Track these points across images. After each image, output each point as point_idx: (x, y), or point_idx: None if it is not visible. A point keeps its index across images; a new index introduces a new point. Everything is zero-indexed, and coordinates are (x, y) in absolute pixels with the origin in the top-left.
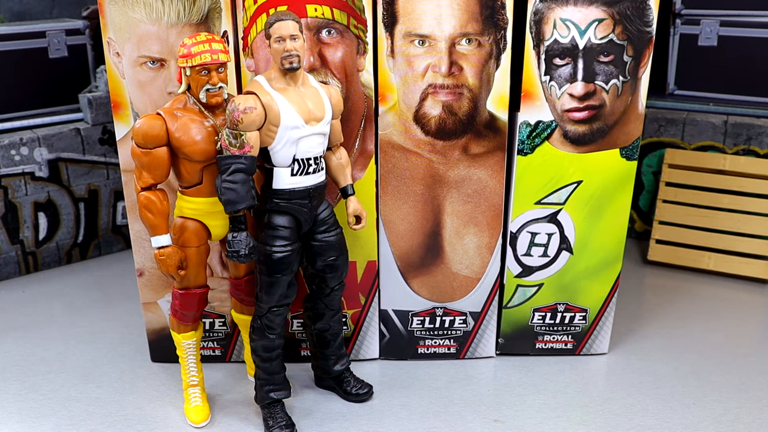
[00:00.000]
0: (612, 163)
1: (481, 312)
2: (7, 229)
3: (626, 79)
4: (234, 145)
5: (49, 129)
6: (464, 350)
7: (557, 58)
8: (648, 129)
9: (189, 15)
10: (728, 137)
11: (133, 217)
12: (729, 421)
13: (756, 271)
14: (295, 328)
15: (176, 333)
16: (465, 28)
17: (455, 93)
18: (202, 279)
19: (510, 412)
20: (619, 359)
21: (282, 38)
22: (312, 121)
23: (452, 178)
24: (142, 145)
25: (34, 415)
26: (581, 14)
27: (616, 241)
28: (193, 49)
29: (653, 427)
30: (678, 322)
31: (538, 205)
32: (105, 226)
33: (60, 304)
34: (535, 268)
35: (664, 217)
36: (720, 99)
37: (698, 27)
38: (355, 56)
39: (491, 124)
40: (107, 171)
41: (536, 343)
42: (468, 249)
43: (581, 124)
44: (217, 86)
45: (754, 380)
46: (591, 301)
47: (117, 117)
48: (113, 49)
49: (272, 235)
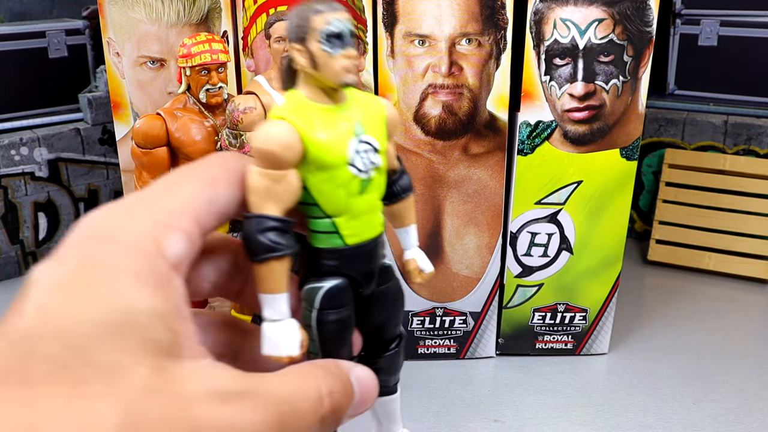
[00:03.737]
0: (612, 163)
1: (481, 312)
2: (7, 229)
3: (626, 79)
4: (234, 146)
5: (49, 129)
6: (464, 350)
7: (557, 58)
8: (648, 129)
9: (189, 15)
10: (728, 137)
11: None
12: (729, 421)
13: (756, 271)
14: None
15: None
16: (465, 28)
17: (455, 93)
18: None
19: (510, 412)
20: (619, 359)
21: (282, 38)
22: None
23: (452, 178)
24: (142, 146)
25: None
26: (581, 14)
27: (616, 241)
28: (193, 49)
29: (653, 427)
30: (678, 322)
31: (538, 205)
32: None
33: None
34: (535, 268)
35: (664, 217)
36: (720, 99)
37: (698, 27)
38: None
39: (491, 124)
40: (107, 171)
41: (536, 343)
42: (468, 249)
43: (581, 124)
44: (217, 86)
45: (754, 380)
46: (591, 301)
47: (117, 117)
48: (113, 49)
49: None
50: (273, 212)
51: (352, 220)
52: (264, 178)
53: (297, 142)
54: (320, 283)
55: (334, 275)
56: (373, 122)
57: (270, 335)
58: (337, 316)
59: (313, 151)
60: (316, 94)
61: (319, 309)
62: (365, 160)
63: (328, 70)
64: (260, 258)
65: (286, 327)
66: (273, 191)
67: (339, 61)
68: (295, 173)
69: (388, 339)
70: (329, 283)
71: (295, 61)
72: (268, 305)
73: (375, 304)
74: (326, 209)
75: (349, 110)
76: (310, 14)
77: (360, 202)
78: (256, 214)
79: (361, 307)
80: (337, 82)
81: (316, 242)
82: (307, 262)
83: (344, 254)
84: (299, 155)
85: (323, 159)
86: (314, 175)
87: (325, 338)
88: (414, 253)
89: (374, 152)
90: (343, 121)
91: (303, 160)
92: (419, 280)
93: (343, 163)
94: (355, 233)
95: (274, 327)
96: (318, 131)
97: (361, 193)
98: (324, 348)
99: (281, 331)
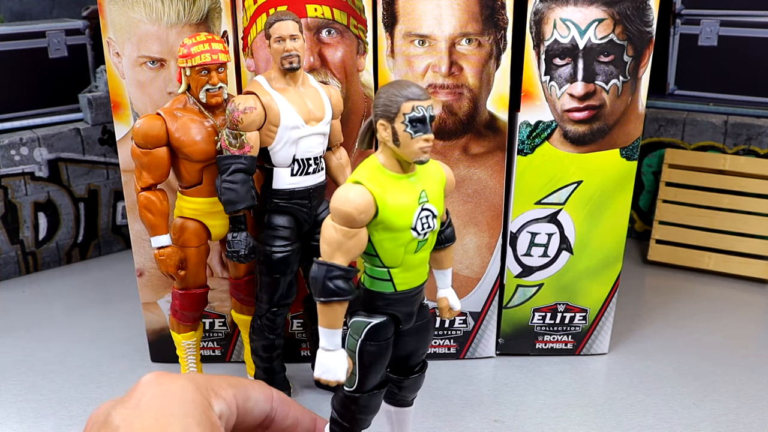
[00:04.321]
0: (612, 163)
1: (481, 312)
2: (7, 229)
3: (626, 79)
4: (234, 145)
5: (49, 129)
6: (464, 350)
7: (557, 58)
8: (648, 129)
9: (189, 15)
10: (728, 137)
11: (133, 217)
12: (729, 421)
13: (756, 271)
14: (295, 328)
15: (176, 333)
16: (465, 28)
17: (455, 93)
18: (202, 279)
19: (510, 412)
20: (619, 359)
21: (282, 38)
22: (312, 121)
23: None
24: (142, 145)
25: (34, 415)
26: (581, 14)
27: (616, 241)
28: (193, 49)
29: (653, 427)
30: (678, 322)
31: (538, 205)
32: (105, 226)
33: (60, 304)
34: (535, 268)
35: (664, 217)
36: (720, 99)
37: (698, 27)
38: (355, 56)
39: (491, 124)
40: (107, 171)
41: (536, 343)
42: (468, 249)
43: (581, 124)
44: (217, 86)
45: (754, 380)
46: (591, 301)
47: (117, 117)
48: (113, 49)
49: (272, 235)
50: (341, 262)
51: (405, 272)
52: (338, 234)
53: (371, 207)
54: (368, 319)
55: (381, 314)
56: (434, 188)
57: (324, 362)
58: (377, 348)
59: (384, 215)
60: (392, 164)
61: (363, 340)
62: (425, 225)
63: (408, 149)
64: (327, 300)
65: (338, 356)
66: (344, 245)
67: (419, 143)
68: (365, 231)
69: (414, 364)
70: (376, 320)
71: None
72: (325, 337)
73: (411, 336)
74: (385, 262)
75: (417, 179)
76: (401, 100)
77: (414, 258)
78: (327, 262)
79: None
80: (413, 159)
81: (372, 285)
82: (360, 298)
83: (393, 298)
84: (372, 218)
85: (392, 223)
86: (380, 234)
87: (363, 364)
88: (447, 292)
89: (433, 218)
90: (411, 190)
91: (373, 221)
92: (448, 316)
93: (408, 228)
94: (405, 282)
95: (329, 355)
96: (390, 198)
97: (416, 252)
98: (361, 373)
99: (334, 359)
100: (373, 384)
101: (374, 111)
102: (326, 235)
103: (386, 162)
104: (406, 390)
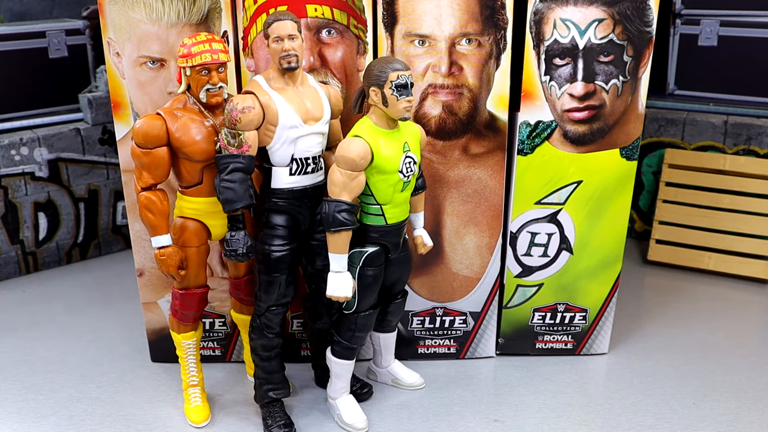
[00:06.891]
0: (612, 163)
1: (481, 312)
2: (7, 229)
3: (626, 79)
4: (232, 145)
5: (49, 129)
6: (464, 350)
7: (557, 58)
8: (648, 129)
9: (189, 15)
10: (728, 137)
11: (133, 217)
12: (729, 421)
13: (756, 271)
14: (295, 328)
15: (176, 333)
16: (465, 28)
17: (455, 93)
18: (202, 279)
19: (510, 412)
20: (619, 359)
21: (280, 38)
22: (310, 121)
23: (452, 178)
24: (142, 145)
25: (34, 415)
26: (581, 14)
27: (616, 241)
28: (193, 49)
29: (653, 427)
30: (678, 322)
31: (538, 205)
32: (105, 226)
33: (60, 304)
34: (535, 268)
35: (664, 217)
36: (720, 99)
37: (698, 27)
38: (355, 56)
39: (491, 124)
40: (107, 171)
41: (536, 343)
42: (468, 249)
43: (581, 124)
44: (217, 86)
45: (754, 380)
46: (591, 301)
47: (117, 117)
48: (113, 49)
49: (271, 234)
50: (346, 199)
51: (393, 207)
52: (343, 176)
53: (369, 154)
54: (364, 249)
55: (374, 244)
56: (413, 141)
57: (334, 282)
58: (372, 272)
59: (378, 161)
60: (382, 122)
61: (362, 266)
62: (408, 169)
63: (394, 108)
64: (336, 229)
65: (346, 277)
66: (348, 185)
67: (402, 103)
68: (364, 175)
69: (397, 292)
70: (370, 249)
71: (370, 98)
72: (335, 261)
73: (396, 266)
74: (379, 199)
75: (400, 134)
76: (388, 69)
77: (400, 196)
78: (335, 199)
79: (386, 266)
80: (398, 117)
81: (367, 220)
82: (356, 233)
83: (384, 230)
84: (369, 163)
85: (384, 167)
86: (375, 177)
87: (362, 285)
88: (421, 231)
89: (414, 164)
90: (397, 142)
91: (369, 165)
92: (423, 251)
93: (396, 171)
94: (394, 216)
95: (338, 276)
96: (383, 148)
97: (402, 191)
98: (360, 294)
99: (342, 279)
100: (369, 304)
101: (366, 81)
102: (333, 178)
103: (377, 121)
104: (392, 314)
